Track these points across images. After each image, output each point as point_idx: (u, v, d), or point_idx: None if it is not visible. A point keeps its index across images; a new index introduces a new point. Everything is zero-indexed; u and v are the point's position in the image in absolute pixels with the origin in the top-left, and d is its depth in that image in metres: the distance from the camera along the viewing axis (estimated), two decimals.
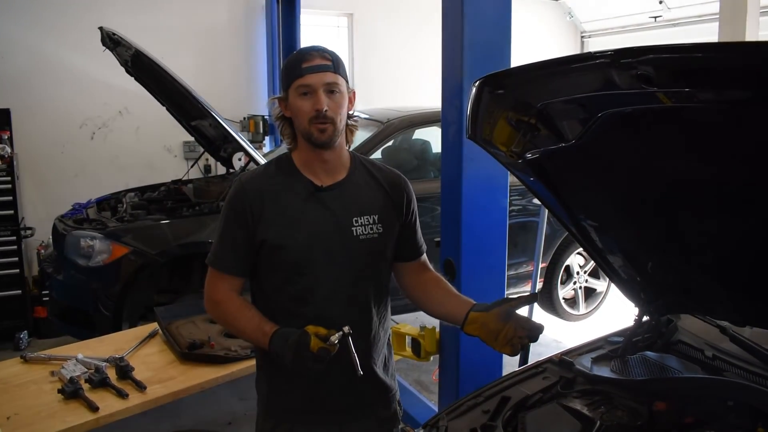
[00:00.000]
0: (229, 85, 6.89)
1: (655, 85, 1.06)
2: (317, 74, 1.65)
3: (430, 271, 1.93)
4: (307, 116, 1.66)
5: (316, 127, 1.66)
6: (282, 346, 1.60)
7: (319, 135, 1.67)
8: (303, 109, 1.66)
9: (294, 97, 1.68)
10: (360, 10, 7.71)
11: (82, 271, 3.91)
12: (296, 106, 1.68)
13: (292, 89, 1.67)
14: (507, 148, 1.56)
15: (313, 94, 1.65)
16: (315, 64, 1.65)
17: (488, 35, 2.44)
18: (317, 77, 1.65)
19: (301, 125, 1.69)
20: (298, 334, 1.59)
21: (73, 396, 2.31)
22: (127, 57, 4.17)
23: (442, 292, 1.87)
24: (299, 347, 1.57)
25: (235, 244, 1.73)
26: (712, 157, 1.25)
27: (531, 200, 4.68)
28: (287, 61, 1.73)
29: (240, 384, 2.78)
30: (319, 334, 1.58)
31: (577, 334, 4.64)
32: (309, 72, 1.65)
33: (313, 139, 1.68)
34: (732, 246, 1.49)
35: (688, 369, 1.69)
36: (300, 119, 1.68)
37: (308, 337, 1.57)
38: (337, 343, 1.58)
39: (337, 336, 1.59)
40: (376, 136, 4.53)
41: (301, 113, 1.67)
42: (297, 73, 1.66)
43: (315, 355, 1.55)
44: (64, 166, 6.03)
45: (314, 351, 1.56)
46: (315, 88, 1.65)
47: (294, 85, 1.67)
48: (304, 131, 1.69)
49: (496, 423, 1.55)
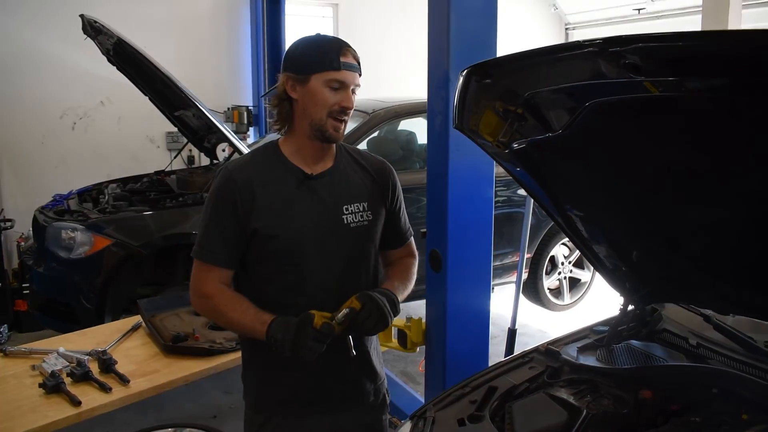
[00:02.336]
0: (212, 76, 6.83)
1: (642, 74, 1.06)
2: (352, 73, 1.66)
3: (409, 256, 1.95)
4: (328, 108, 1.65)
5: (333, 123, 1.66)
6: (282, 330, 1.59)
7: (333, 131, 1.68)
8: (328, 100, 1.64)
9: (320, 86, 1.64)
10: (345, 1, 7.67)
11: (63, 263, 3.86)
12: (321, 94, 1.64)
13: (321, 77, 1.63)
14: (494, 138, 1.55)
15: (342, 90, 1.65)
16: (350, 62, 1.65)
17: (474, 25, 2.43)
18: (352, 76, 1.66)
19: (317, 114, 1.66)
20: (303, 315, 1.60)
21: (55, 390, 2.28)
22: (109, 45, 4.12)
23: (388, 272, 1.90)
24: (302, 325, 1.57)
25: (225, 234, 1.69)
26: (698, 146, 1.25)
27: (516, 191, 4.70)
28: (314, 45, 1.68)
29: (225, 377, 2.77)
30: (324, 316, 1.60)
31: (562, 324, 4.67)
32: (346, 69, 1.64)
33: (327, 134, 1.68)
34: (716, 235, 1.51)
35: (673, 357, 1.71)
36: (318, 108, 1.66)
37: (312, 315, 1.58)
38: (343, 321, 1.60)
39: (343, 313, 1.60)
40: (362, 127, 4.51)
41: (323, 103, 1.65)
42: (334, 65, 1.63)
43: (317, 331, 1.56)
44: (44, 157, 5.95)
45: (317, 327, 1.56)
46: (347, 85, 1.65)
47: (326, 75, 1.63)
48: (319, 121, 1.67)
49: (484, 413, 1.55)
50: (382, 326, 1.65)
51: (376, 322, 1.63)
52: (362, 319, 1.61)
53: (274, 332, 1.61)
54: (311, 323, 1.57)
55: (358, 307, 1.62)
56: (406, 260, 1.93)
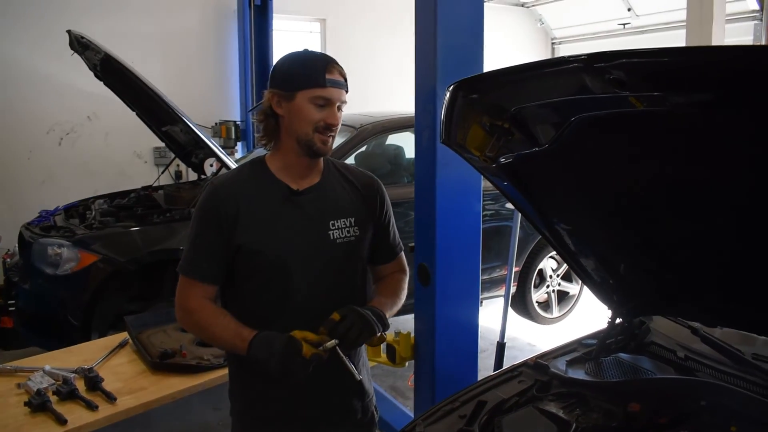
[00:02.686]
0: (200, 91, 6.83)
1: (627, 89, 1.07)
2: (338, 89, 1.65)
3: (399, 272, 1.93)
4: (314, 125, 1.65)
5: (320, 138, 1.66)
6: (266, 351, 1.56)
7: (321, 146, 1.68)
8: (313, 117, 1.64)
9: (305, 103, 1.64)
10: (333, 16, 7.72)
11: (49, 279, 3.82)
12: (305, 111, 1.64)
13: (307, 94, 1.64)
14: (481, 153, 1.56)
15: (328, 107, 1.65)
16: (336, 79, 1.65)
17: (461, 40, 2.45)
18: (338, 93, 1.66)
19: (303, 130, 1.66)
20: (286, 340, 1.56)
21: (41, 409, 2.25)
22: (96, 61, 4.10)
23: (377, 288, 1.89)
24: (288, 354, 1.54)
25: (210, 250, 1.68)
26: (683, 160, 1.27)
27: (504, 205, 4.71)
28: (300, 62, 1.68)
29: (213, 393, 2.74)
30: (308, 339, 1.56)
31: (550, 337, 4.67)
32: (332, 86, 1.64)
33: (314, 148, 1.68)
34: (703, 248, 1.52)
35: (661, 370, 1.72)
36: (304, 125, 1.66)
37: (298, 344, 1.54)
38: (330, 348, 1.57)
39: (331, 343, 1.57)
40: (350, 142, 4.52)
41: (308, 120, 1.65)
42: (319, 82, 1.63)
43: (306, 361, 1.53)
44: (30, 173, 5.91)
45: (307, 357, 1.53)
46: (333, 102, 1.65)
47: (312, 93, 1.63)
48: (305, 137, 1.67)
49: (473, 428, 1.55)
50: (366, 336, 1.62)
51: (360, 331, 1.60)
52: (344, 330, 1.59)
53: (256, 351, 1.58)
54: (299, 353, 1.53)
55: (337, 319, 1.60)
56: (395, 276, 1.92)
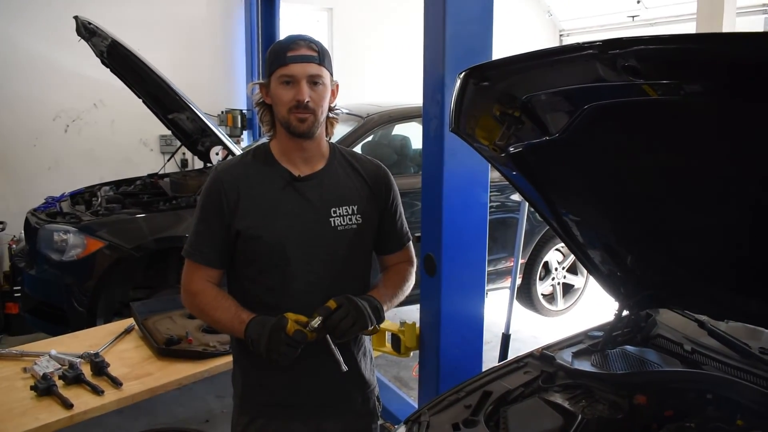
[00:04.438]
0: (207, 79, 6.81)
1: (641, 77, 1.05)
2: (302, 65, 1.63)
3: (405, 262, 1.93)
4: (287, 105, 1.65)
5: (296, 117, 1.65)
6: (259, 331, 1.59)
7: (298, 124, 1.66)
8: (283, 98, 1.65)
9: (276, 85, 1.66)
10: (340, 5, 7.68)
11: (55, 265, 3.83)
12: (277, 94, 1.66)
13: (275, 77, 1.65)
14: (490, 142, 1.55)
15: (295, 84, 1.63)
16: (300, 54, 1.63)
17: (471, 29, 2.43)
18: (301, 68, 1.63)
19: (281, 114, 1.67)
20: (277, 318, 1.59)
21: (47, 393, 2.26)
22: (103, 47, 4.09)
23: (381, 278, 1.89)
24: (275, 329, 1.57)
25: (212, 234, 1.71)
26: (696, 150, 1.25)
27: (510, 196, 4.70)
28: (272, 47, 1.70)
29: (217, 381, 2.75)
30: (299, 321, 1.59)
31: (555, 329, 4.66)
32: (293, 61, 1.63)
33: (291, 129, 1.67)
34: (711, 240, 1.51)
35: (668, 363, 1.71)
36: (280, 108, 1.67)
37: (285, 320, 1.58)
38: (316, 328, 1.58)
39: (317, 320, 1.58)
40: (356, 131, 4.51)
41: (281, 102, 1.65)
42: (281, 62, 1.64)
43: (290, 338, 1.55)
44: (37, 160, 5.91)
45: (290, 333, 1.55)
46: (298, 78, 1.63)
47: (277, 74, 1.65)
48: (283, 120, 1.68)
49: (478, 417, 1.55)
50: (358, 328, 1.63)
51: (353, 323, 1.61)
52: (337, 319, 1.60)
53: (251, 332, 1.61)
54: (284, 329, 1.56)
55: (334, 307, 1.61)
56: (402, 266, 1.92)
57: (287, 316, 1.59)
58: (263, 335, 1.58)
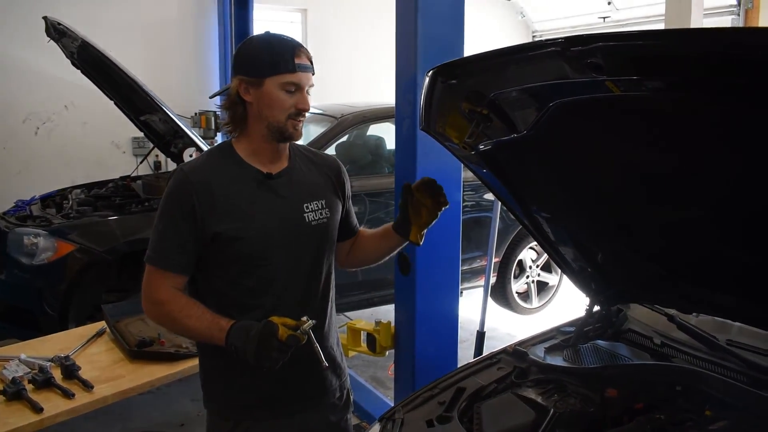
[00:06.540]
0: (179, 81, 6.76)
1: (604, 74, 1.07)
2: (306, 74, 1.63)
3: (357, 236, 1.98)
4: (287, 112, 1.63)
5: (293, 123, 1.65)
6: (243, 338, 1.54)
7: (293, 131, 1.66)
8: (284, 103, 1.62)
9: (275, 89, 1.61)
10: (314, 6, 7.67)
11: (25, 269, 3.77)
12: (276, 98, 1.62)
13: (276, 81, 1.61)
14: (460, 140, 1.56)
15: (298, 92, 1.63)
16: (305, 63, 1.62)
17: (442, 30, 2.45)
18: (306, 77, 1.63)
19: (275, 117, 1.64)
20: (263, 324, 1.53)
21: (16, 397, 2.22)
22: (73, 48, 4.03)
23: (370, 239, 1.95)
24: (265, 337, 1.51)
25: (181, 238, 1.64)
26: (659, 145, 1.28)
27: (483, 195, 4.73)
28: (270, 47, 1.64)
29: (191, 384, 2.72)
30: (287, 324, 1.54)
31: (530, 327, 4.69)
32: (301, 70, 1.61)
33: (287, 134, 1.66)
34: (678, 235, 1.53)
35: (638, 356, 1.74)
36: (276, 112, 1.63)
37: (274, 326, 1.52)
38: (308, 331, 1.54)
39: (309, 324, 1.54)
40: (330, 132, 4.49)
41: (280, 107, 1.62)
42: (288, 68, 1.60)
43: (282, 344, 1.51)
44: (6, 163, 5.82)
45: (282, 339, 1.51)
46: (302, 87, 1.63)
47: (280, 78, 1.60)
48: (277, 124, 1.64)
49: (452, 414, 1.56)
50: None
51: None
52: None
53: (234, 340, 1.56)
54: (275, 335, 1.51)
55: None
56: (361, 230, 2.00)
57: (274, 321, 1.53)
58: (250, 342, 1.52)
